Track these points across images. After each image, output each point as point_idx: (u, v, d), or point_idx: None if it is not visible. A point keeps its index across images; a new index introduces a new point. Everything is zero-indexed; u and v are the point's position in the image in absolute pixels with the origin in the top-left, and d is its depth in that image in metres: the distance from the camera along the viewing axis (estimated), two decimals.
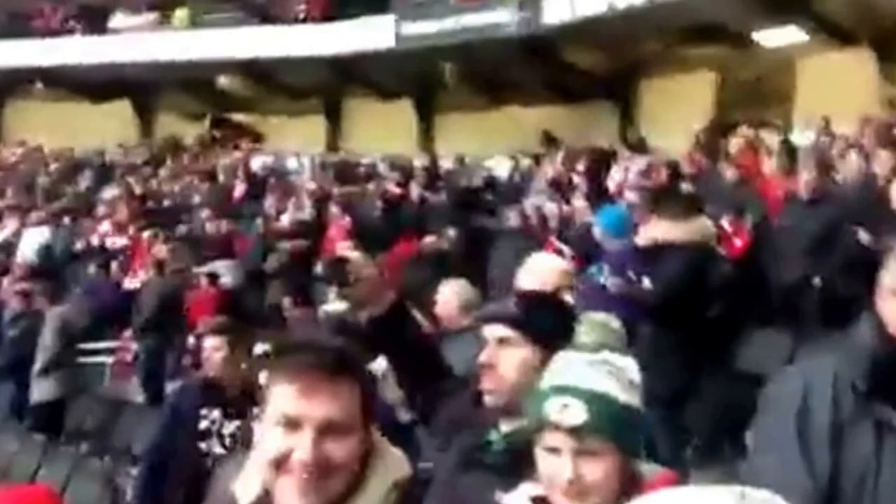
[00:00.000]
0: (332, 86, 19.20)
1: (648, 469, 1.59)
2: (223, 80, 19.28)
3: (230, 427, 3.37)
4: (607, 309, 5.41)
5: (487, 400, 1.88)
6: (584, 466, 1.50)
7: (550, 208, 10.01)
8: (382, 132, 17.78)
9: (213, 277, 8.88)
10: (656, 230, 5.35)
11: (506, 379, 1.87)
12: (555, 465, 1.52)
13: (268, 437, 1.39)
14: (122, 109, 20.87)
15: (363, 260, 2.03)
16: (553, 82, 16.14)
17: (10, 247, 12.01)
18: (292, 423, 1.38)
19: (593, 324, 1.67)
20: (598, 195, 9.88)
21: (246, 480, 1.41)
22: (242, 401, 3.36)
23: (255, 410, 2.03)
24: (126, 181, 15.02)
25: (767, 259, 6.92)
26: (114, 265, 10.07)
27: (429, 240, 8.82)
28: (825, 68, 12.94)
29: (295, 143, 18.55)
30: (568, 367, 1.57)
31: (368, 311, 1.99)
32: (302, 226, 11.15)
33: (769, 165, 8.34)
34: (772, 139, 10.08)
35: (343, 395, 1.41)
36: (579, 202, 8.94)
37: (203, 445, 3.34)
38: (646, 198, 6.89)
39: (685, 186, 9.13)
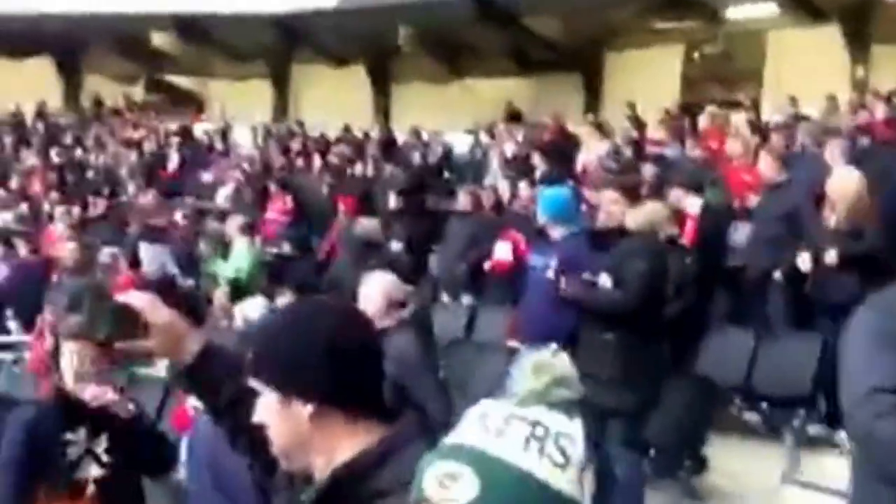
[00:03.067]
0: (277, 48, 18.80)
1: None
2: (158, 38, 18.74)
3: (102, 442, 3.08)
4: (557, 311, 5.39)
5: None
6: None
7: (505, 189, 9.94)
8: (334, 101, 17.48)
9: (134, 263, 8.62)
10: (612, 214, 5.19)
11: (276, 439, 1.55)
12: None
13: None
14: (43, 68, 20.14)
15: (153, 305, 1.71)
16: (514, 51, 16.00)
17: None
18: None
19: (534, 365, 1.16)
20: (560, 177, 9.81)
21: None
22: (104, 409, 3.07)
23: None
24: (44, 149, 14.59)
25: (728, 250, 6.88)
26: (21, 246, 9.70)
27: (361, 222, 8.65)
28: (795, 45, 12.99)
29: (239, 109, 18.12)
30: (478, 417, 1.15)
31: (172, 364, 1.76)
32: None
33: (735, 147, 8.30)
34: (739, 118, 10.08)
35: None
36: (528, 188, 8.83)
37: (79, 476, 3.06)
38: (604, 179, 6.76)
39: (648, 168, 9.11)
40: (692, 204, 6.70)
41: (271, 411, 1.53)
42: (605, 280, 4.86)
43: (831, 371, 5.49)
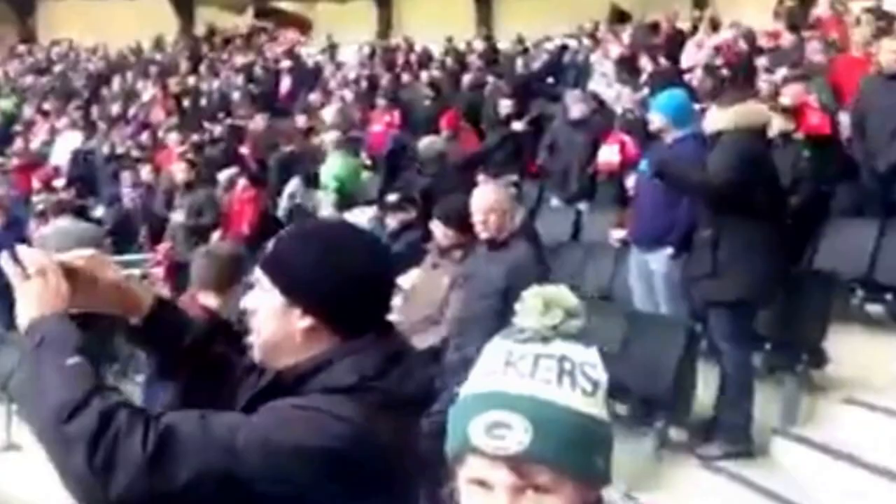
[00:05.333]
0: None
1: None
2: None
3: None
4: (669, 214, 5.26)
5: (253, 355, 1.65)
6: None
7: (616, 91, 9.63)
8: (437, 14, 17.26)
9: (253, 180, 8.83)
10: (714, 117, 5.01)
11: (261, 331, 1.61)
12: (483, 502, 1.13)
13: None
14: (158, 3, 20.71)
15: (99, 263, 1.68)
16: None
17: (44, 153, 12.15)
18: None
19: (544, 300, 1.18)
20: (668, 77, 9.46)
21: None
22: None
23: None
24: (162, 80, 14.97)
25: (850, 141, 6.49)
26: (144, 170, 10.08)
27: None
28: None
29: (345, 29, 18.16)
30: (504, 363, 1.16)
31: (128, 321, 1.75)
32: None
33: (858, 35, 7.73)
34: (859, 5, 9.39)
35: None
36: (641, 90, 8.52)
37: None
38: (707, 83, 6.48)
39: (763, 61, 8.64)
40: (813, 97, 6.34)
41: (269, 309, 1.60)
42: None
43: None
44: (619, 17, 14.01)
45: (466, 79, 12.15)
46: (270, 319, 1.60)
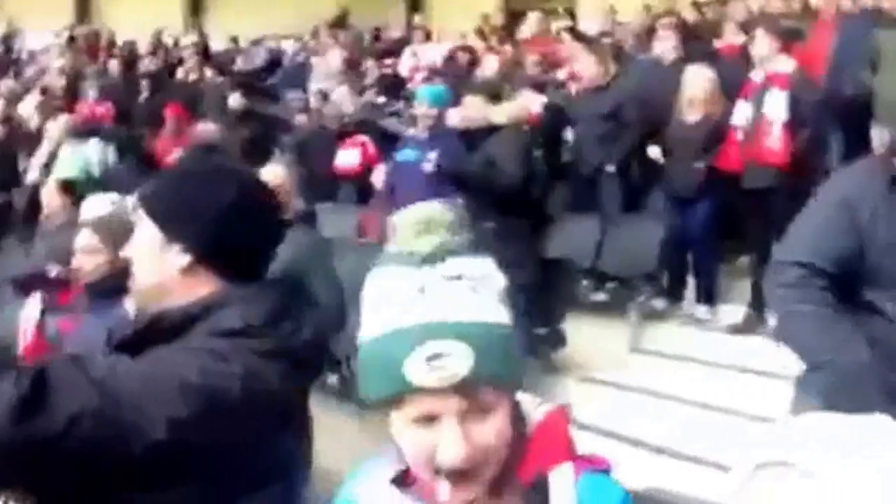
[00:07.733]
0: None
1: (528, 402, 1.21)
2: None
3: None
4: (432, 195, 5.43)
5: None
6: (476, 429, 1.08)
7: (340, 94, 9.71)
8: (141, 5, 16.30)
9: None
10: (472, 116, 5.28)
11: (139, 272, 1.57)
12: (431, 438, 1.08)
13: None
14: None
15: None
16: None
17: None
18: None
19: (422, 221, 1.12)
20: (391, 83, 9.78)
21: None
22: None
23: None
24: None
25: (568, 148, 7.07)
26: None
27: (203, 126, 8.23)
28: None
29: (38, 14, 16.55)
30: (417, 290, 1.08)
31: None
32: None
33: (566, 51, 8.47)
34: (559, 25, 10.29)
35: None
36: (367, 93, 8.73)
37: None
38: (457, 83, 6.81)
39: (482, 72, 9.16)
40: (536, 102, 6.82)
41: (148, 247, 1.53)
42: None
43: (672, 251, 5.89)
44: (339, 21, 14.16)
45: (181, 72, 11.63)
46: (149, 258, 1.52)
